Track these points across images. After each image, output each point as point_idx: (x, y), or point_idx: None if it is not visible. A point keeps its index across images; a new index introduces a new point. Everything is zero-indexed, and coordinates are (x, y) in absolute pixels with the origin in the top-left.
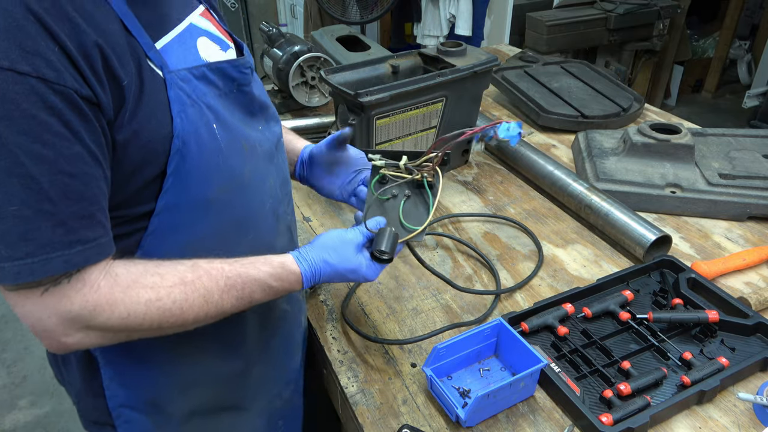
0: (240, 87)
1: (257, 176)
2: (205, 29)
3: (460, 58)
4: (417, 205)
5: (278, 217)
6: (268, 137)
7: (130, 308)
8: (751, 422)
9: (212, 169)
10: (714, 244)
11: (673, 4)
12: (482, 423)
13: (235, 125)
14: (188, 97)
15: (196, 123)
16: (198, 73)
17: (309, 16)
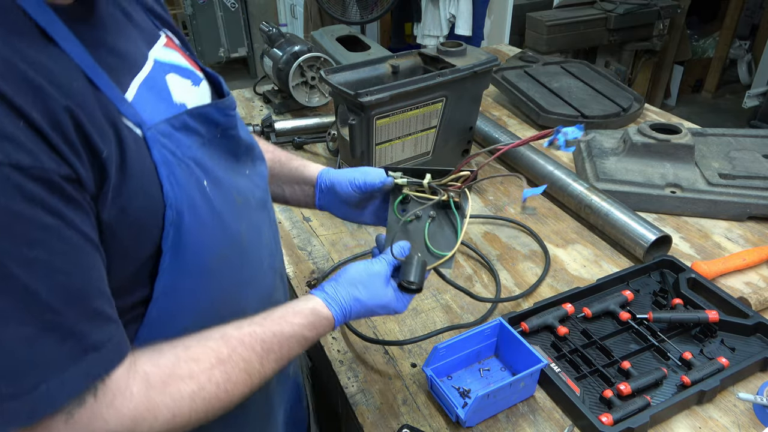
0: (225, 132)
1: (253, 231)
2: (173, 63)
3: (460, 58)
4: (443, 226)
5: (275, 270)
6: (257, 182)
7: (174, 408)
8: (751, 422)
9: (209, 236)
10: (714, 244)
11: (673, 4)
12: (482, 423)
13: (225, 177)
14: (173, 156)
15: (187, 185)
16: (178, 123)
17: (309, 16)
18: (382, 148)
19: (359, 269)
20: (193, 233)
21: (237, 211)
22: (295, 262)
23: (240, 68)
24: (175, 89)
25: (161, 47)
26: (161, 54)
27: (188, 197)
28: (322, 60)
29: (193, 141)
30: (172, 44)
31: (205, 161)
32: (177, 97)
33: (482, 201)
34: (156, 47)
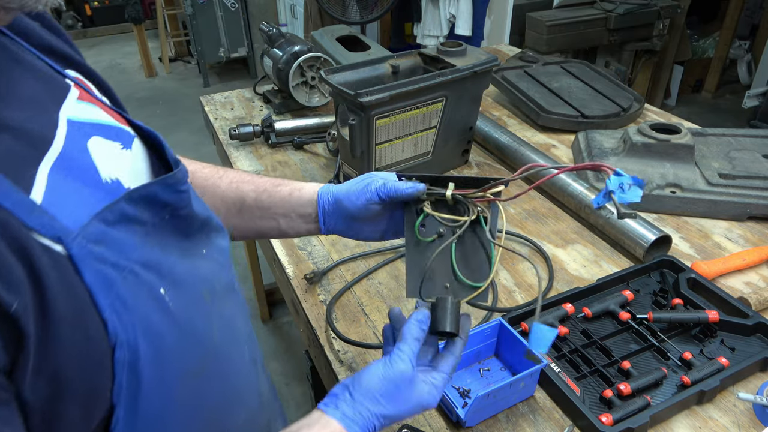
0: (175, 212)
1: (227, 329)
2: (93, 121)
3: (460, 58)
4: (470, 247)
5: (255, 362)
6: (218, 260)
7: None
8: (751, 422)
9: (176, 358)
10: (714, 244)
11: (673, 4)
12: (482, 423)
13: (184, 272)
14: (114, 268)
15: (139, 305)
16: (114, 216)
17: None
18: (382, 148)
19: (378, 376)
20: (154, 367)
21: (206, 312)
22: (295, 262)
23: (240, 68)
24: (102, 160)
25: (74, 102)
26: (76, 111)
27: (142, 322)
28: (322, 60)
29: (134, 234)
30: (88, 95)
31: (156, 258)
32: (106, 172)
33: None
34: (67, 103)
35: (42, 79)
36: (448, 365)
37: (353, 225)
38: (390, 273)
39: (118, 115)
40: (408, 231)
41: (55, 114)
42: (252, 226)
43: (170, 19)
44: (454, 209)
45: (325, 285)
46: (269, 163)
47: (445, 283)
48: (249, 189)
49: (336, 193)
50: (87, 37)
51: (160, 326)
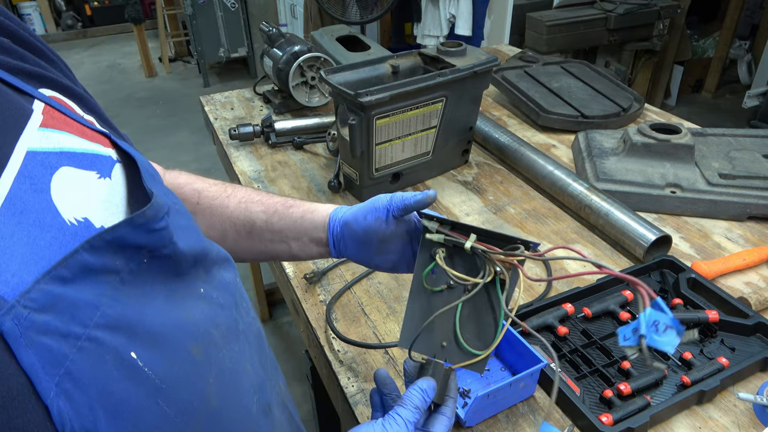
0: (154, 253)
1: (227, 383)
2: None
3: (460, 58)
4: (479, 308)
5: (268, 407)
6: (219, 300)
7: None
8: (751, 422)
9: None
10: (714, 244)
11: (673, 4)
12: (482, 423)
13: (167, 323)
14: (63, 339)
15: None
16: (70, 273)
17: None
18: (382, 148)
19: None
20: None
21: (197, 370)
22: (295, 263)
23: (240, 68)
24: (67, 197)
25: (35, 130)
26: (39, 141)
27: (105, 399)
28: (322, 60)
29: (101, 289)
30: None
31: (126, 315)
32: (70, 212)
33: (482, 201)
34: (27, 132)
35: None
36: (442, 429)
37: (363, 249)
38: (390, 273)
39: (100, 137)
40: (416, 274)
41: (9, 148)
42: (262, 249)
43: (170, 19)
44: (472, 260)
45: (325, 285)
46: (269, 163)
47: (442, 341)
48: (259, 210)
49: (344, 216)
50: (87, 37)
51: (132, 400)
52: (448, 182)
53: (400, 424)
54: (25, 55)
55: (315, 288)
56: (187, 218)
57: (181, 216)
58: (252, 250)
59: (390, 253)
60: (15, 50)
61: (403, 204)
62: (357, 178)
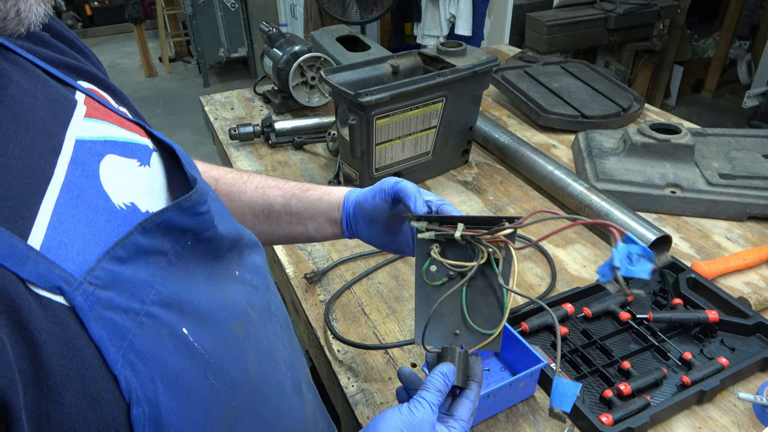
0: (198, 236)
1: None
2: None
3: (460, 58)
4: (481, 291)
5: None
6: (253, 282)
7: None
8: (751, 422)
9: (206, 406)
10: (714, 244)
11: (673, 4)
12: (482, 423)
13: (213, 303)
14: (127, 314)
15: (157, 352)
16: (126, 252)
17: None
18: (382, 148)
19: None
20: (180, 419)
21: (239, 348)
22: (295, 263)
23: (240, 68)
24: (115, 183)
25: (81, 120)
26: (85, 130)
27: (163, 371)
28: (322, 60)
29: (154, 268)
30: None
31: (181, 295)
32: (119, 198)
33: (482, 201)
34: (74, 122)
35: (45, 98)
36: (466, 412)
37: (372, 228)
38: (390, 273)
39: (137, 127)
40: (417, 273)
41: (61, 136)
42: (280, 232)
43: (170, 19)
44: (465, 249)
45: (324, 285)
46: (269, 163)
47: (455, 329)
48: (276, 194)
49: (357, 196)
50: (87, 37)
51: (185, 373)
52: (448, 182)
53: (425, 407)
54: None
55: (315, 288)
56: (221, 204)
57: (217, 202)
58: (270, 233)
59: (396, 233)
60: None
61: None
62: (357, 178)
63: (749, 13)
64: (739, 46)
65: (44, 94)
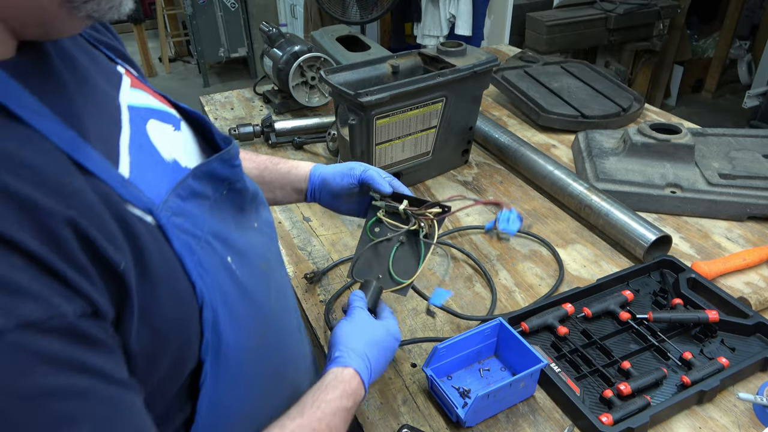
0: (232, 186)
1: (280, 297)
2: (146, 105)
3: (460, 58)
4: (409, 254)
5: (300, 329)
6: (268, 233)
7: None
8: (751, 422)
9: (245, 325)
10: (714, 244)
11: (673, 4)
12: (482, 423)
13: (244, 244)
14: (194, 238)
15: (215, 271)
16: (185, 192)
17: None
18: (382, 148)
19: (347, 328)
20: (229, 329)
21: (265, 282)
22: (295, 262)
23: (240, 68)
24: (161, 142)
25: (128, 89)
26: (132, 97)
27: (219, 287)
28: (322, 60)
29: (202, 208)
30: (138, 82)
31: (222, 231)
32: (166, 153)
33: None
34: (123, 90)
35: (100, 68)
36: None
37: (334, 201)
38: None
39: (164, 99)
40: (364, 227)
41: (117, 101)
42: None
43: (170, 19)
44: (405, 221)
45: (325, 285)
46: None
47: (379, 273)
48: (252, 167)
49: (323, 173)
50: None
51: (230, 291)
52: (448, 182)
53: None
54: (99, 28)
55: (315, 288)
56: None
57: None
58: None
59: (353, 203)
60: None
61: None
62: None
63: (749, 13)
64: (739, 46)
65: (96, 68)
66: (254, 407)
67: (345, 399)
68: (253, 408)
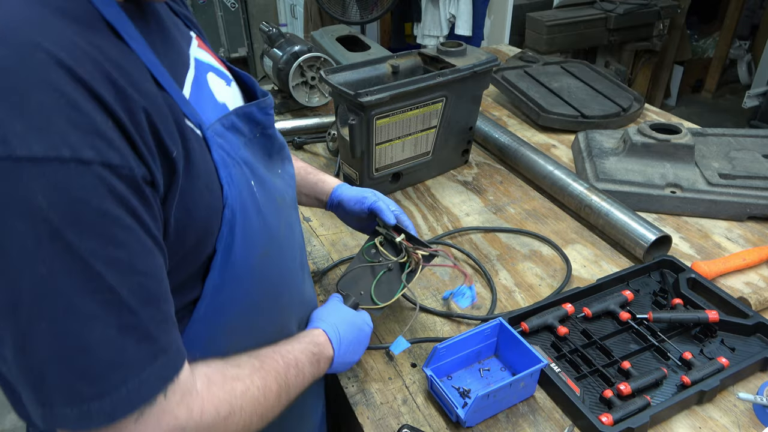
0: (264, 131)
1: (288, 230)
2: (208, 62)
3: (460, 58)
4: (391, 281)
5: (303, 267)
6: (288, 182)
7: (232, 405)
8: (751, 422)
9: (256, 235)
10: (714, 244)
11: (673, 4)
12: (482, 423)
13: (266, 177)
14: (229, 156)
15: (240, 186)
16: (228, 123)
17: (309, 16)
18: (382, 148)
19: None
20: (242, 233)
21: (277, 211)
22: None
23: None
24: (216, 89)
25: (196, 47)
26: (198, 54)
27: (240, 198)
28: (322, 60)
29: (239, 141)
30: (203, 44)
31: (250, 161)
32: (218, 97)
33: (482, 201)
34: (192, 47)
35: (178, 29)
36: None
37: (347, 218)
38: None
39: (221, 61)
40: (361, 249)
41: (187, 53)
42: None
43: None
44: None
45: (325, 285)
46: None
47: (361, 290)
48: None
49: (341, 197)
50: None
51: (249, 205)
52: (448, 182)
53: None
54: (177, 1)
55: (315, 288)
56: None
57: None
58: None
59: (362, 224)
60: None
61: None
62: (357, 178)
63: (749, 13)
64: (739, 46)
65: (175, 28)
66: (248, 319)
67: (311, 345)
68: (247, 320)
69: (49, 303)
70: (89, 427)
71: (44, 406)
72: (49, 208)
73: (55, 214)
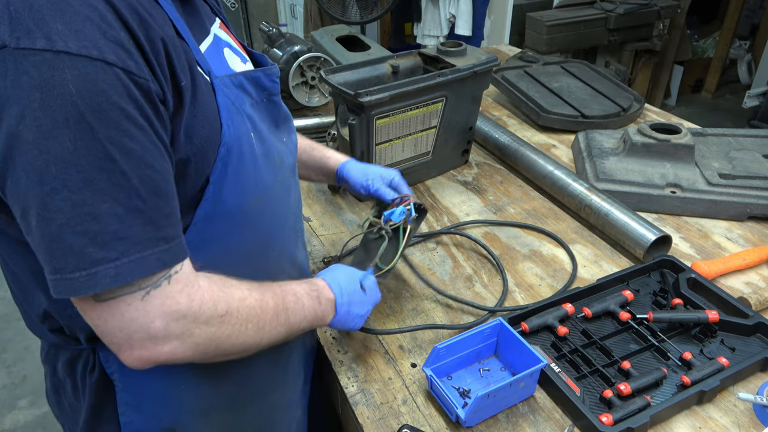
0: (270, 97)
1: (284, 190)
2: (226, 41)
3: (460, 58)
4: (391, 249)
5: (297, 233)
6: (291, 150)
7: (229, 305)
8: (751, 422)
9: (249, 180)
10: (714, 244)
11: (673, 4)
12: (482, 423)
13: (267, 136)
14: (233, 105)
15: (240, 131)
16: (236, 81)
17: (309, 16)
18: (382, 148)
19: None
20: (235, 173)
21: (273, 169)
22: None
23: None
24: (230, 60)
25: (218, 27)
26: (219, 32)
27: (238, 141)
28: (322, 60)
29: (246, 99)
30: (225, 28)
31: (254, 118)
32: (231, 66)
33: (482, 201)
34: (215, 26)
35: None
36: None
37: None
38: (391, 272)
39: (240, 45)
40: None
41: (209, 29)
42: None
43: None
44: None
45: None
46: None
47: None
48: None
49: (346, 175)
50: None
51: (246, 151)
52: (448, 182)
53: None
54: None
55: None
56: None
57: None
58: None
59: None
60: None
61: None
62: None
63: (749, 13)
64: (739, 46)
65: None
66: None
67: (309, 284)
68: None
69: (71, 174)
70: (95, 290)
71: (57, 272)
72: (77, 95)
73: (81, 100)
